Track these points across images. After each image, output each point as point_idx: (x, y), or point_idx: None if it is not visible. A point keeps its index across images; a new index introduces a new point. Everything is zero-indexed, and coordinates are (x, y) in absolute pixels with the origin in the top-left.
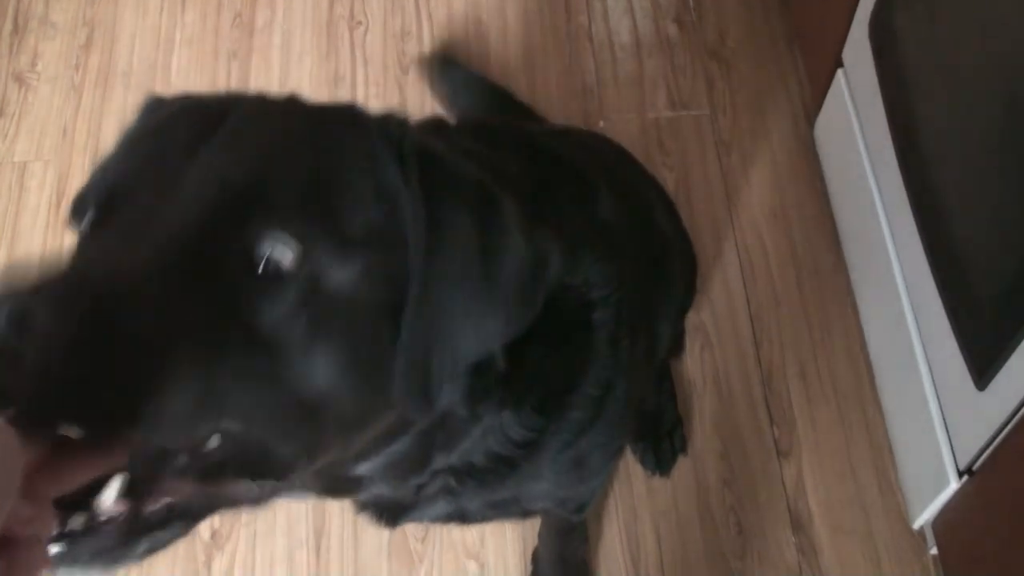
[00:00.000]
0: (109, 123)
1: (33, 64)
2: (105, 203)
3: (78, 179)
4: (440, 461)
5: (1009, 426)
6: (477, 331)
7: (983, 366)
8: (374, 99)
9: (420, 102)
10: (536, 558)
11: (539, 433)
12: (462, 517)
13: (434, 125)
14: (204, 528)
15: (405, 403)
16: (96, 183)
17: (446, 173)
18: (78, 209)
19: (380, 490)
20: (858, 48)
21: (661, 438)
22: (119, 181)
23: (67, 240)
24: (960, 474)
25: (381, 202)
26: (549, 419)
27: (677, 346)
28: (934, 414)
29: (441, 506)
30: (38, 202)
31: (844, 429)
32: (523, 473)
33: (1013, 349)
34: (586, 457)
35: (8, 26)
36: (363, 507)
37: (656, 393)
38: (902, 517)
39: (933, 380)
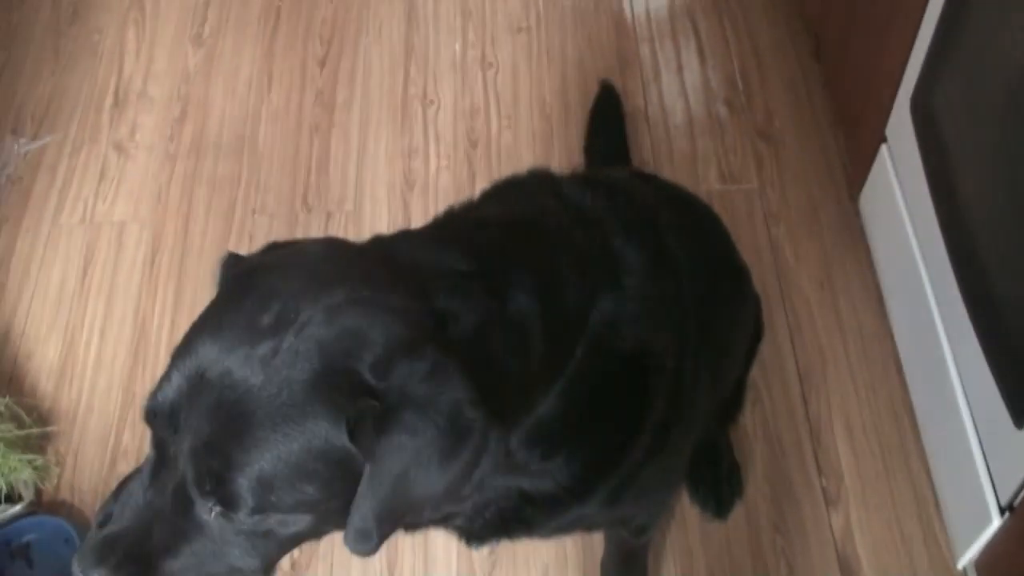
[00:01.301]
0: (200, 190)
1: (132, 134)
2: (157, 436)
3: (170, 239)
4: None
5: None
6: (420, 503)
7: (1021, 406)
8: (445, 171)
9: (487, 174)
10: None
11: (592, 482)
12: (531, 534)
13: (540, 177)
14: (284, 559)
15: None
16: (153, 406)
17: (406, 423)
18: (146, 418)
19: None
20: (901, 124)
21: (720, 482)
22: (165, 415)
23: (157, 302)
24: (1002, 511)
25: (331, 460)
26: (602, 470)
27: (741, 391)
28: (975, 454)
29: (512, 528)
30: (134, 258)
31: (889, 480)
32: (580, 504)
33: None
34: (640, 492)
35: (110, 100)
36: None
37: (717, 438)
38: (945, 560)
39: (974, 422)
